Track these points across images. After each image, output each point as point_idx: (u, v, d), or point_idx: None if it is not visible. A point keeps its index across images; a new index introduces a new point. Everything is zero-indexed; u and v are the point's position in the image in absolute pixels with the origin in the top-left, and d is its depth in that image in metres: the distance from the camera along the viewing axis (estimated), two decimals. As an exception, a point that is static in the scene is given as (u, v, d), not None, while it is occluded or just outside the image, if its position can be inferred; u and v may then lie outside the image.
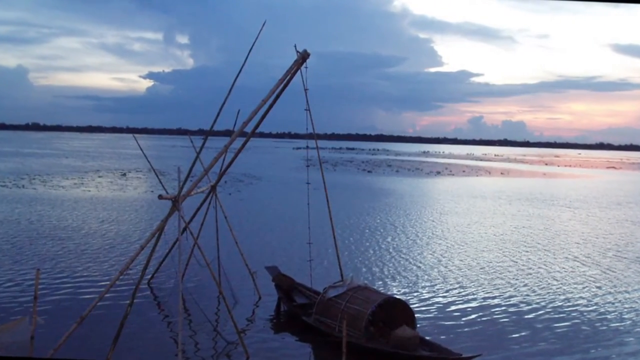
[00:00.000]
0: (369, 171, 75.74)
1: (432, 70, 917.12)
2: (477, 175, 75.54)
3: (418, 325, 12.23)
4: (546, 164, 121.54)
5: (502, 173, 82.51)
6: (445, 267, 19.92)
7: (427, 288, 16.99)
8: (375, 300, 11.78)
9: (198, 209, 14.72)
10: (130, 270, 13.28)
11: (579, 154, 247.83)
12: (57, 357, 9.78)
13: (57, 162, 70.33)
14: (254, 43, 10.46)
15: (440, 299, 15.87)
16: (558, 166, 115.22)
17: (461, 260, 21.02)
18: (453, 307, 15.18)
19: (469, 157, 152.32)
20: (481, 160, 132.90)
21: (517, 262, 21.13)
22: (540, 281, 18.41)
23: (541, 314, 14.92)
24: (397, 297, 13.40)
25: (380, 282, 17.38)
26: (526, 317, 14.68)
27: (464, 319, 14.29)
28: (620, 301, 16.51)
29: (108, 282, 11.87)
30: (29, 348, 9.70)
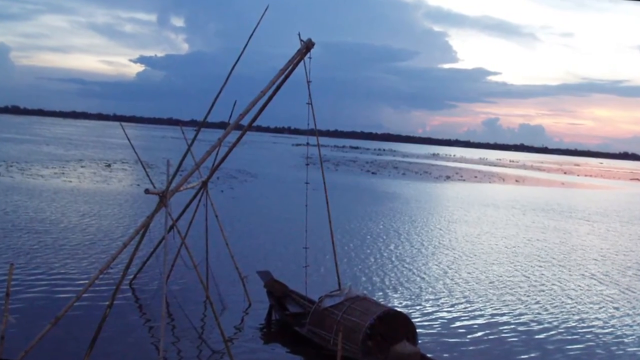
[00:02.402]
0: (373, 172, 75.81)
1: (446, 66, 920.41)
2: (489, 182, 75.60)
3: (420, 341, 12.23)
4: (565, 173, 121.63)
5: (517, 180, 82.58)
6: (452, 279, 19.93)
7: (431, 301, 17.01)
8: (375, 312, 11.77)
9: (187, 206, 14.72)
10: (111, 269, 13.27)
11: (601, 163, 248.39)
12: (28, 360, 9.76)
13: (37, 149, 70.35)
14: (255, 29, 10.46)
15: (444, 314, 15.88)
16: (578, 175, 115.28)
17: (469, 273, 21.04)
18: (458, 323, 15.19)
19: (481, 161, 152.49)
20: (495, 165, 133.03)
21: (529, 278, 21.15)
22: (554, 299, 18.42)
23: (553, 335, 14.93)
24: (398, 309, 13.39)
25: (381, 293, 17.40)
26: (537, 337, 14.68)
27: (469, 336, 14.30)
28: (639, 324, 16.52)
29: (87, 281, 11.87)
30: (-2, 348, 9.69)
